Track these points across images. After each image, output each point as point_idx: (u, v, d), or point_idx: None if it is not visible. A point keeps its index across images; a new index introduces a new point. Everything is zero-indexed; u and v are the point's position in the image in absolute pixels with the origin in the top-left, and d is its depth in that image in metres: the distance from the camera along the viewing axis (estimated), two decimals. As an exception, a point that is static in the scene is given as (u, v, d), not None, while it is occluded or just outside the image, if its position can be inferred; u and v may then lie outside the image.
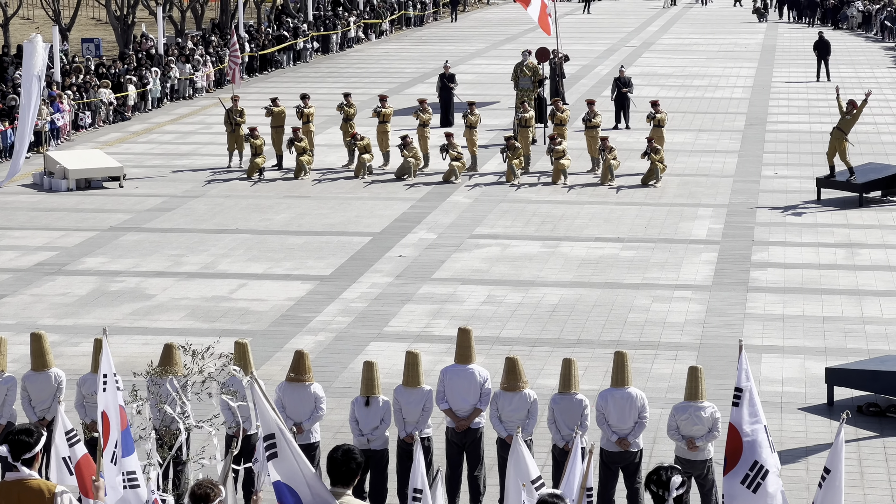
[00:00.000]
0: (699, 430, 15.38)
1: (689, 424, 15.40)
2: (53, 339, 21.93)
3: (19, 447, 10.46)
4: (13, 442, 10.46)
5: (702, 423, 15.37)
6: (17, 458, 10.45)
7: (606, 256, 28.08)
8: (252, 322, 23.84)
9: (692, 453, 15.42)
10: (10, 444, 10.45)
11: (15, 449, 10.46)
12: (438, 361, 20.46)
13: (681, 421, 15.44)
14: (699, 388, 15.51)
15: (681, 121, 44.55)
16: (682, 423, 15.44)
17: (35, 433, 10.57)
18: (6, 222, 31.64)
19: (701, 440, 15.37)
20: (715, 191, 34.25)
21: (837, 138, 33.07)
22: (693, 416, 15.40)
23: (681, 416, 15.45)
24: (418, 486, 11.64)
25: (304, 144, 36.50)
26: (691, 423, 15.39)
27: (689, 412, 15.42)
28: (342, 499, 10.36)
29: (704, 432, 15.39)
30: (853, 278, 26.38)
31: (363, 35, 72.19)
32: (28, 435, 10.51)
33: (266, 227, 30.94)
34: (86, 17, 75.17)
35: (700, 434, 15.38)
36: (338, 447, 10.51)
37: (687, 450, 15.44)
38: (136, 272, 27.18)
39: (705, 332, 23.12)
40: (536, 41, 57.52)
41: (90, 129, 44.51)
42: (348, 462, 10.39)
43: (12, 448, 10.45)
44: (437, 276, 26.73)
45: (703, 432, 15.38)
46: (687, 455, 15.45)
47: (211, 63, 53.85)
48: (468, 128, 36.81)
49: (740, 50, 66.10)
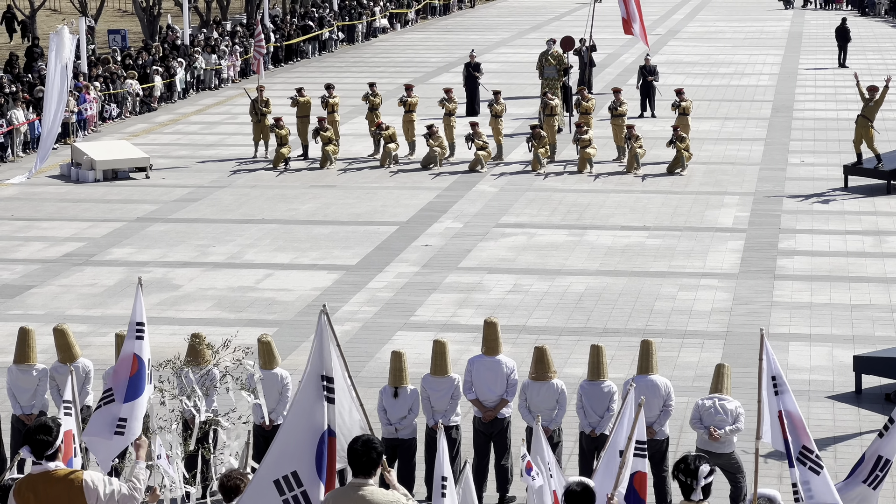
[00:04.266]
0: (722, 420, 15.36)
1: (713, 413, 15.39)
2: (81, 330, 22.06)
3: (40, 447, 10.52)
4: (33, 443, 10.52)
5: (725, 414, 15.36)
6: (41, 456, 10.52)
7: (632, 245, 28.05)
8: (278, 312, 23.90)
9: (714, 445, 15.38)
10: (31, 445, 10.52)
11: (36, 449, 10.52)
12: (465, 351, 20.48)
13: (704, 412, 15.44)
14: (724, 383, 15.50)
15: (707, 109, 44.44)
16: (705, 414, 15.44)
17: (53, 428, 10.62)
18: (34, 213, 31.77)
19: (722, 431, 15.33)
20: (741, 179, 34.17)
21: (863, 126, 32.94)
22: (718, 406, 15.39)
23: (705, 407, 15.43)
24: (444, 474, 11.68)
25: (330, 134, 36.53)
26: (715, 412, 15.38)
27: (715, 401, 15.43)
28: (364, 489, 10.40)
29: (728, 423, 15.36)
30: (881, 266, 26.30)
31: (388, 24, 72.18)
32: (46, 433, 10.55)
33: (292, 216, 30.99)
34: (112, 9, 75.35)
35: (723, 424, 15.34)
36: (357, 438, 10.55)
37: (708, 440, 15.41)
38: (162, 262, 27.27)
39: (732, 320, 23.08)
40: (561, 30, 57.46)
41: (117, 120, 44.64)
42: (369, 452, 10.44)
43: (34, 449, 10.52)
44: (464, 266, 26.74)
45: (725, 423, 15.35)
46: (709, 447, 15.41)
47: (238, 54, 53.93)
48: (494, 117, 36.81)
49: (766, 37, 65.89)
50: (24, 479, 10.66)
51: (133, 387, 12.06)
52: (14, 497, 10.56)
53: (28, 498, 10.50)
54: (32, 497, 10.50)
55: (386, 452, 11.96)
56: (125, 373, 12.00)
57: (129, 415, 12.05)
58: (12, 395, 16.54)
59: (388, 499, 10.45)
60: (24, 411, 16.49)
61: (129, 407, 12.03)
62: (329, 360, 10.66)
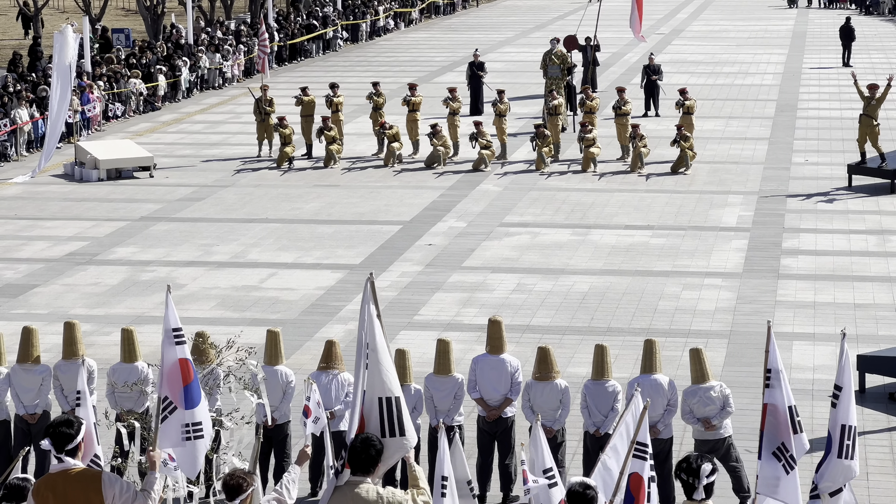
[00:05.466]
0: (712, 410, 15.51)
1: (700, 406, 15.50)
2: (85, 329, 22.01)
3: (61, 439, 10.51)
4: (55, 435, 10.51)
5: (713, 403, 15.49)
6: (61, 450, 10.51)
7: (636, 244, 28.04)
8: (282, 311, 23.89)
9: (709, 433, 15.49)
10: (52, 437, 10.51)
11: (57, 441, 10.51)
12: (469, 350, 20.47)
13: (693, 404, 15.55)
14: (704, 369, 15.60)
15: (710, 108, 44.42)
16: (694, 407, 15.56)
17: (75, 423, 10.63)
18: (38, 212, 31.78)
19: (716, 419, 15.47)
20: (745, 178, 34.15)
21: (866, 125, 32.91)
22: (703, 398, 15.48)
23: (692, 399, 15.57)
24: (445, 474, 11.68)
25: (334, 133, 36.54)
26: (703, 404, 15.50)
27: (699, 395, 15.51)
28: (361, 486, 10.43)
29: (717, 410, 15.49)
30: (885, 265, 26.28)
31: (392, 24, 72.19)
32: (69, 426, 10.56)
33: (296, 216, 30.99)
34: (116, 8, 75.37)
35: (713, 413, 15.47)
36: (357, 435, 10.60)
37: (704, 430, 15.51)
38: (166, 262, 27.27)
39: (736, 319, 23.06)
40: (565, 29, 57.46)
41: (121, 119, 44.66)
42: (367, 450, 10.52)
43: (54, 441, 10.51)
44: (467, 265, 26.73)
45: (716, 411, 15.50)
46: (704, 436, 15.56)
47: (242, 53, 53.94)
48: (498, 116, 36.80)
49: (770, 36, 65.86)
50: (44, 478, 10.67)
51: (193, 392, 11.93)
52: (33, 497, 10.56)
53: (47, 497, 10.50)
54: (51, 496, 10.50)
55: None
56: (178, 379, 11.84)
57: (203, 417, 11.94)
58: (15, 395, 16.53)
59: (385, 497, 10.47)
60: (28, 411, 16.48)
61: (193, 413, 11.89)
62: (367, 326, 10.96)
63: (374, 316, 10.94)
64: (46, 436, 10.55)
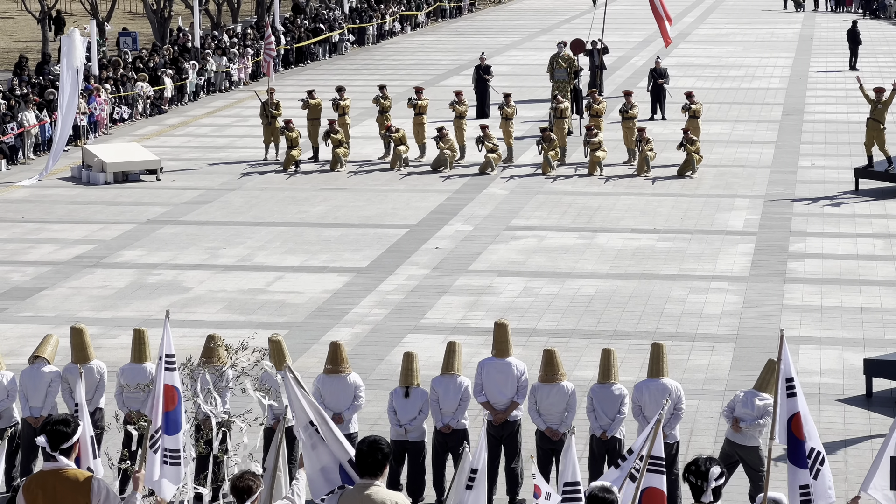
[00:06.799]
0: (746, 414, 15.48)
1: (740, 406, 15.51)
2: (92, 332, 22.02)
3: (57, 437, 10.53)
4: (51, 432, 10.53)
5: (752, 408, 15.46)
6: (56, 448, 10.53)
7: (643, 248, 28.04)
8: (289, 315, 23.91)
9: (738, 436, 15.55)
10: (49, 435, 10.53)
11: (53, 439, 10.53)
12: (475, 353, 20.47)
13: (736, 402, 15.63)
14: (767, 380, 15.39)
15: (717, 111, 44.41)
16: (737, 405, 15.60)
17: (72, 423, 10.65)
18: (45, 215, 31.82)
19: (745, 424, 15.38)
20: (752, 182, 34.15)
21: (873, 129, 32.92)
22: (747, 400, 15.49)
23: (738, 398, 15.59)
24: (475, 467, 11.66)
25: (340, 137, 36.56)
26: (742, 405, 15.49)
27: (747, 395, 15.59)
28: (371, 489, 10.43)
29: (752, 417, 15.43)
30: (891, 269, 26.27)
31: (399, 27, 72.21)
32: (65, 425, 10.58)
33: (302, 219, 31.01)
34: (123, 11, 75.46)
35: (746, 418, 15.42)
36: (364, 439, 10.61)
37: (733, 431, 15.57)
38: (173, 265, 27.30)
39: (742, 323, 23.06)
40: (572, 32, 57.44)
41: (128, 123, 44.69)
42: (375, 453, 10.49)
43: (50, 438, 10.53)
44: (474, 268, 26.74)
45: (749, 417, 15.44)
46: (734, 437, 15.62)
47: (248, 56, 53.97)
48: (504, 119, 36.82)
49: (777, 40, 65.83)
50: (34, 475, 10.69)
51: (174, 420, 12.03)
52: (23, 493, 10.59)
53: (36, 494, 10.53)
54: (41, 494, 10.52)
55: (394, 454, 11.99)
56: (160, 406, 11.94)
57: (181, 445, 12.04)
58: (23, 397, 16.53)
59: (394, 499, 10.47)
60: (33, 413, 16.46)
61: (175, 439, 12.00)
62: (298, 408, 11.21)
63: (300, 397, 11.18)
64: (43, 432, 10.57)
